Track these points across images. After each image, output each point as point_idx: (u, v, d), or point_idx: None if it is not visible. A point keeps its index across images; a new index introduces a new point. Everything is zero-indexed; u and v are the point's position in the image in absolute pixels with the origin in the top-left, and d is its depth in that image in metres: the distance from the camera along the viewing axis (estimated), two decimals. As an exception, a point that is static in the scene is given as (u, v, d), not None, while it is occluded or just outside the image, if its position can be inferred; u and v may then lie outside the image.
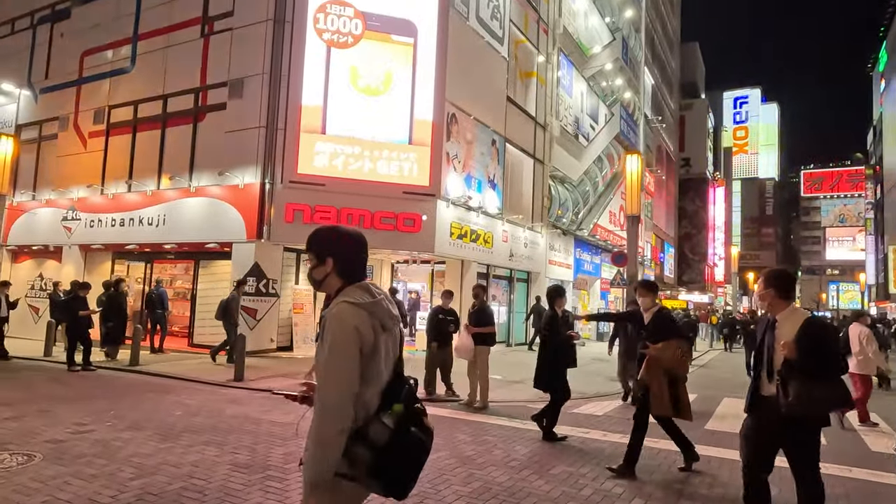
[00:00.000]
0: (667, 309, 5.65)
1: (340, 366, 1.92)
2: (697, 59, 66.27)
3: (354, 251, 2.17)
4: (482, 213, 14.94)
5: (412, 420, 2.01)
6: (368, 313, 1.98)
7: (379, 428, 1.94)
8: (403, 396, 2.02)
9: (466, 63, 14.39)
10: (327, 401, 1.91)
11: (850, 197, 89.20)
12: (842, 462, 5.78)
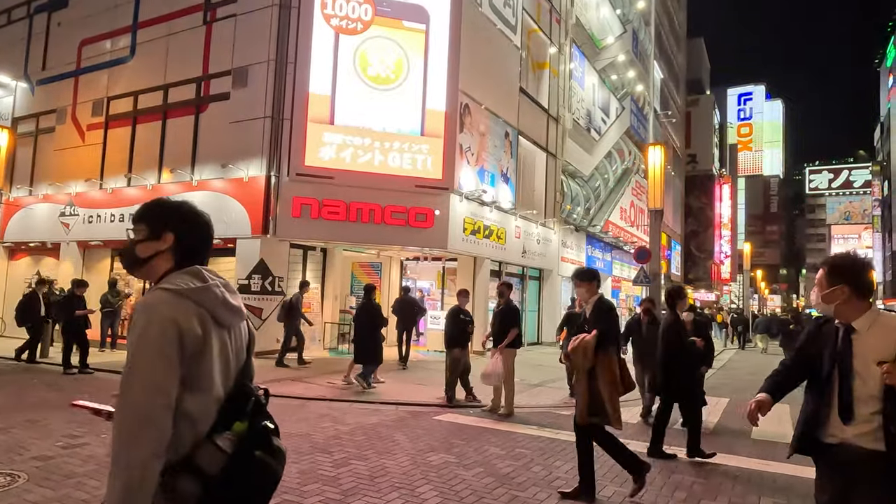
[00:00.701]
0: (606, 299, 4.73)
1: (150, 368, 1.43)
2: (702, 54, 65.67)
3: (204, 232, 1.72)
4: (495, 207, 14.38)
5: (257, 441, 1.54)
6: (194, 302, 1.50)
7: (211, 453, 1.46)
8: (248, 412, 1.55)
9: (479, 52, 13.82)
10: (131, 415, 1.40)
11: (855, 194, 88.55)
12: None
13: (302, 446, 5.43)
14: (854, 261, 2.49)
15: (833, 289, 2.40)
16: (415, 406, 7.73)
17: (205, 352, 1.51)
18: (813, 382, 2.50)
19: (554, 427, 6.81)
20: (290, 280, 12.37)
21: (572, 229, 19.69)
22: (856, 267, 2.44)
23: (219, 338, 1.56)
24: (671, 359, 5.82)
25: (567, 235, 19.20)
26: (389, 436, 5.98)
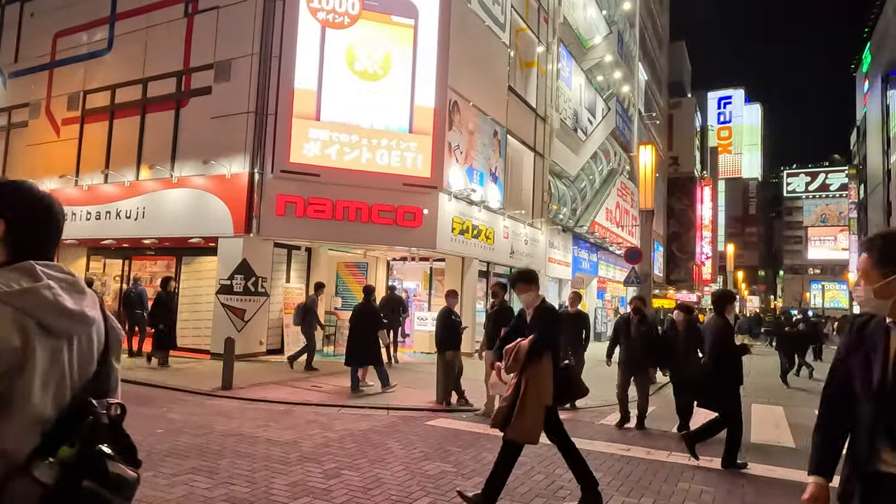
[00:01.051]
0: (550, 304, 4.31)
1: None
2: (684, 57, 66.30)
3: (44, 219, 1.41)
4: (484, 207, 14.18)
5: (87, 469, 1.27)
6: (13, 308, 1.23)
7: (24, 486, 1.21)
8: (82, 435, 1.29)
9: (468, 48, 13.61)
10: None
11: (832, 197, 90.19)
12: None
13: (290, 455, 5.14)
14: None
15: (890, 279, 1.79)
16: (406, 410, 7.48)
17: (25, 367, 1.23)
18: (858, 400, 1.87)
19: (550, 432, 6.61)
20: (274, 280, 12.03)
21: (559, 230, 19.57)
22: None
23: (48, 349, 1.28)
24: (721, 366, 5.49)
25: (554, 236, 19.08)
26: (382, 443, 5.71)
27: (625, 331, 7.41)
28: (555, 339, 4.08)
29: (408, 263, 15.06)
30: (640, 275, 11.92)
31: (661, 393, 9.57)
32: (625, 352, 7.34)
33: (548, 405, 3.89)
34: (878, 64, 61.70)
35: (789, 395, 10.99)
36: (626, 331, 7.38)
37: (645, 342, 7.23)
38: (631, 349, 7.25)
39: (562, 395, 4.04)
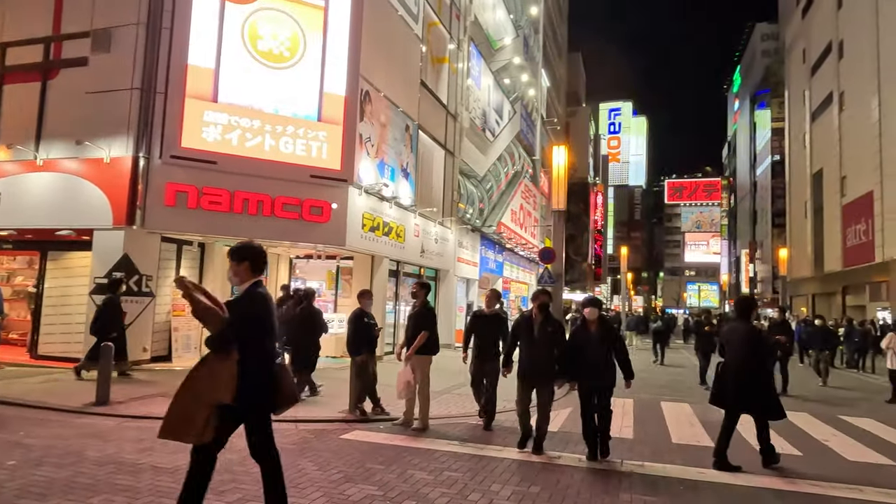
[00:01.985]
0: (259, 291, 3.57)
1: None
2: (580, 68, 69.55)
3: None
4: (395, 203, 13.64)
5: None
6: None
7: None
8: None
9: (381, 37, 13.02)
10: None
11: (705, 205, 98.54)
12: None
13: (176, 485, 4.32)
14: None
15: None
16: (317, 423, 6.78)
17: None
18: None
19: (475, 441, 6.23)
20: (161, 279, 10.74)
21: (468, 229, 19.45)
22: None
23: None
24: (756, 367, 5.62)
25: (463, 235, 18.92)
26: (293, 463, 5.01)
27: (526, 332, 5.93)
28: (242, 329, 3.26)
29: (312, 261, 14.15)
30: (553, 275, 11.91)
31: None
32: (525, 358, 5.92)
33: (219, 405, 3.22)
34: (747, 86, 68.29)
35: (690, 391, 11.44)
36: (529, 332, 5.91)
37: (551, 346, 5.86)
38: (533, 355, 5.83)
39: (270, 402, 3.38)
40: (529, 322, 5.99)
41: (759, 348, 5.74)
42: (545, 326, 5.89)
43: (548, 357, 5.82)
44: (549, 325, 5.91)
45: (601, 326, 5.85)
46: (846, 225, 33.83)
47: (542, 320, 5.92)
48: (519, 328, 6.08)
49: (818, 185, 39.40)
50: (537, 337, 5.85)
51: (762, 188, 57.74)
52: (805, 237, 41.71)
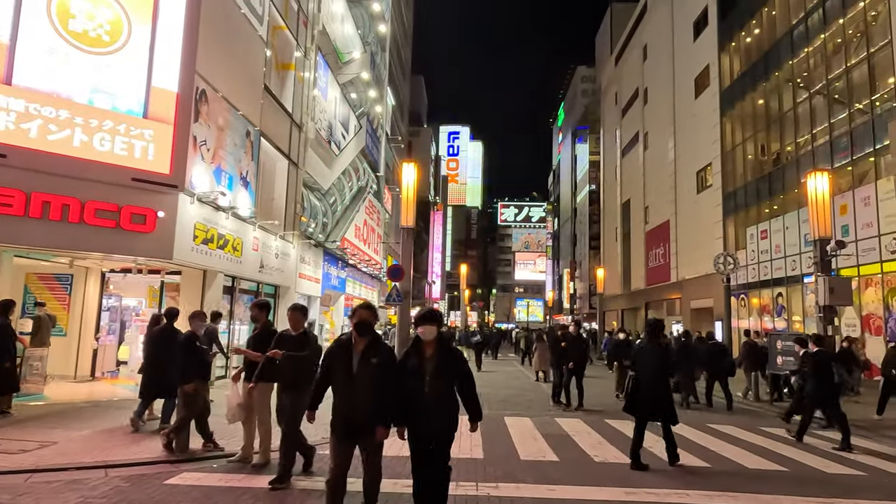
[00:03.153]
0: None
1: None
2: (422, 90, 71.71)
3: None
4: (233, 214, 12.55)
5: None
6: None
7: None
8: None
9: (221, 35, 12.00)
10: None
11: (533, 227, 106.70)
12: None
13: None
14: None
15: None
16: (133, 467, 5.78)
17: None
18: None
19: (323, 475, 5.74)
20: (-79, 296, 8.60)
21: (311, 244, 18.66)
22: None
23: None
24: (665, 380, 6.77)
25: (306, 250, 18.09)
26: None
27: (342, 364, 4.16)
28: None
29: (131, 276, 12.44)
30: (402, 292, 11.77)
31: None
32: (340, 402, 4.15)
33: None
34: (569, 121, 75.70)
35: (528, 404, 11.96)
36: (345, 364, 4.13)
37: (379, 384, 4.11)
38: (351, 398, 4.08)
39: None
40: (347, 350, 4.17)
41: (667, 365, 6.76)
42: (368, 356, 4.10)
43: (373, 401, 4.05)
44: (375, 355, 4.12)
45: (440, 350, 4.17)
46: (648, 249, 38.66)
47: (365, 347, 4.14)
48: (332, 359, 4.25)
49: (627, 213, 44.62)
50: (357, 371, 4.07)
51: (581, 213, 64.01)
52: (616, 258, 46.91)
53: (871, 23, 18.60)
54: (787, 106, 23.24)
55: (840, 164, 19.55)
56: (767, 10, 24.95)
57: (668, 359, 6.87)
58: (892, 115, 16.88)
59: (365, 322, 4.20)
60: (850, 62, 19.51)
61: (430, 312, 4.27)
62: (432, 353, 4.14)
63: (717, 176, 28.43)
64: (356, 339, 4.17)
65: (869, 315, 18.17)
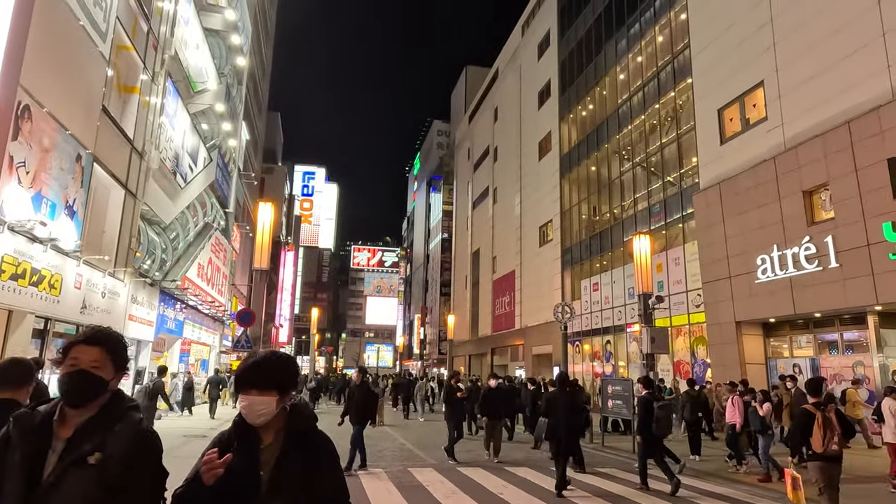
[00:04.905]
0: None
1: None
2: (278, 127, 70.07)
3: None
4: (53, 247, 11.00)
5: None
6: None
7: None
8: None
9: (55, 47, 10.78)
10: None
11: (386, 272, 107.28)
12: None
13: None
14: None
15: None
16: None
17: None
18: None
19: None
20: None
21: (146, 283, 16.93)
22: None
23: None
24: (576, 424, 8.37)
25: (139, 290, 16.35)
26: None
27: None
28: None
29: None
30: (251, 339, 11.06)
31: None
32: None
33: None
34: (425, 171, 78.42)
35: (379, 454, 11.71)
36: None
37: None
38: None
39: None
40: (29, 439, 1.94)
41: (579, 410, 8.28)
42: (81, 449, 1.88)
43: None
44: (101, 446, 1.88)
45: (289, 439, 2.10)
46: (496, 297, 40.71)
47: (79, 431, 1.92)
48: None
49: (476, 262, 46.79)
50: (48, 483, 1.84)
51: (433, 260, 65.83)
52: (465, 305, 48.68)
53: (679, 109, 21.98)
54: (615, 174, 26.35)
55: (656, 227, 22.44)
56: (599, 89, 28.40)
57: (579, 403, 8.43)
58: (695, 189, 19.88)
59: (81, 380, 1.94)
60: (663, 140, 22.77)
61: (267, 361, 2.13)
62: (272, 445, 2.07)
63: (557, 231, 31.09)
64: (61, 415, 1.96)
65: (679, 361, 20.71)
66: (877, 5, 13.64)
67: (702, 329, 19.29)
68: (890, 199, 12.66)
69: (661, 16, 23.35)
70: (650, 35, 24.10)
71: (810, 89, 15.36)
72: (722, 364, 17.54)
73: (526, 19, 40.09)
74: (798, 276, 14.88)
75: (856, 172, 13.60)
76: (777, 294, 15.55)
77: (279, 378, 2.09)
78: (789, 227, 15.37)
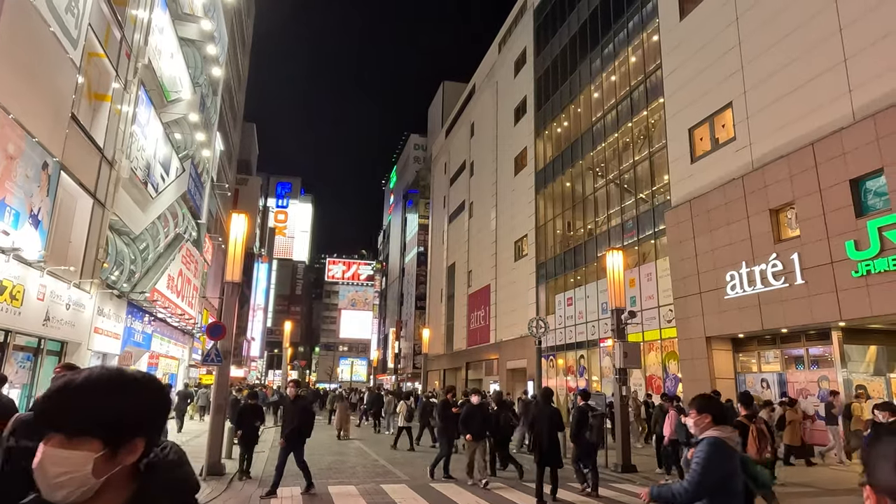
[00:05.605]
0: None
1: None
2: (254, 138, 69.51)
3: None
4: (15, 257, 10.67)
5: None
6: None
7: None
8: None
9: (23, 52, 10.55)
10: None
11: (361, 285, 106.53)
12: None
13: None
14: None
15: None
16: None
17: None
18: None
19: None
20: None
21: (113, 295, 16.51)
22: None
23: None
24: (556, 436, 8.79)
25: (106, 301, 15.94)
26: None
27: None
28: None
29: None
30: (221, 352, 10.84)
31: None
32: None
33: None
34: (401, 184, 78.43)
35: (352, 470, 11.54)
36: None
37: None
38: None
39: None
40: None
41: (559, 424, 8.70)
42: None
43: None
44: None
45: None
46: (471, 311, 40.70)
47: None
48: None
49: (452, 276, 46.79)
50: None
51: (409, 274, 65.62)
52: (440, 319, 48.56)
53: (652, 128, 22.45)
54: (589, 190, 26.71)
55: (629, 243, 22.77)
56: (574, 106, 28.87)
57: (560, 419, 8.81)
58: (666, 206, 20.27)
59: None
60: (636, 158, 23.20)
61: (83, 386, 1.20)
62: None
63: (532, 246, 31.32)
64: None
65: (651, 376, 20.93)
66: (838, 32, 14.19)
67: (673, 344, 19.55)
68: (852, 219, 13.08)
69: (633, 37, 23.90)
70: (623, 55, 24.63)
71: (776, 111, 15.85)
72: (693, 378, 17.78)
73: (503, 37, 40.65)
74: (766, 293, 15.22)
75: (820, 192, 14.02)
76: (746, 310, 15.87)
77: (103, 414, 1.17)
78: (757, 245, 15.75)
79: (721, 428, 3.36)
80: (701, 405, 3.45)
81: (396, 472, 11.42)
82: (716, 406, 3.47)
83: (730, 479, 3.23)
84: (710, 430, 3.34)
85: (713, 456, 3.21)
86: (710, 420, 3.36)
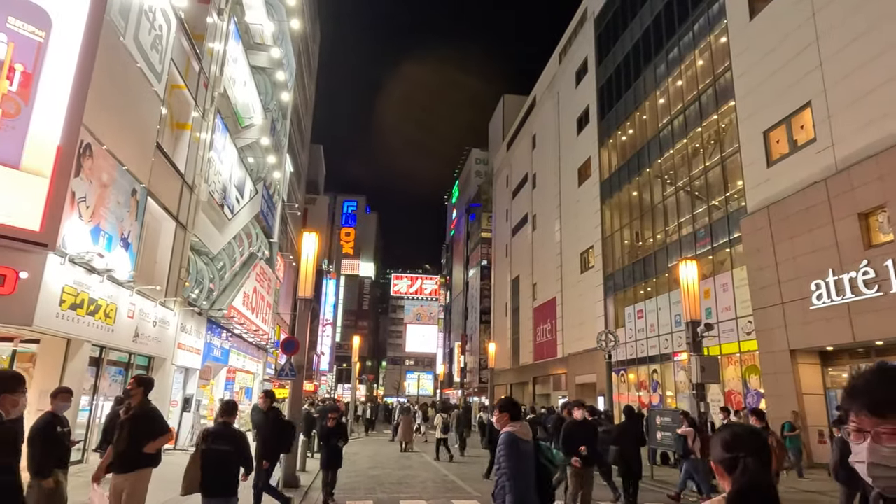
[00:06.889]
0: None
1: None
2: (321, 159, 72.00)
3: None
4: (109, 278, 11.47)
5: None
6: None
7: None
8: None
9: (114, 88, 11.42)
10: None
11: (425, 300, 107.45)
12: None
13: None
14: None
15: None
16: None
17: None
18: None
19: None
20: None
21: (194, 312, 17.42)
22: None
23: None
24: None
25: (188, 319, 16.84)
26: None
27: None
28: None
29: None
30: (296, 367, 11.20)
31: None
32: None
33: None
34: (463, 199, 78.86)
35: (422, 485, 11.55)
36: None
37: None
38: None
39: None
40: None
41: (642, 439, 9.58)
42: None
43: None
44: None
45: None
46: (536, 324, 40.14)
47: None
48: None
49: (516, 289, 46.39)
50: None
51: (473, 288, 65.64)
52: (506, 333, 48.16)
53: (723, 132, 21.56)
54: (657, 198, 25.90)
55: (702, 252, 21.85)
56: (639, 113, 28.17)
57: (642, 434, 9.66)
58: (741, 213, 19.34)
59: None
60: (707, 163, 22.32)
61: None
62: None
63: (599, 258, 30.62)
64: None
65: (730, 391, 19.88)
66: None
67: (754, 357, 18.53)
68: (955, 221, 12.02)
69: (700, 40, 23.14)
70: (690, 59, 23.87)
71: (861, 108, 14.86)
72: (777, 394, 16.75)
73: (563, 47, 40.35)
74: (857, 302, 14.18)
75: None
76: (834, 321, 14.83)
77: None
78: (845, 251, 14.73)
79: (514, 423, 4.24)
80: (502, 405, 4.38)
81: (466, 489, 11.35)
82: (513, 407, 4.39)
83: (520, 461, 4.08)
84: (508, 426, 4.22)
85: (509, 445, 4.11)
86: (507, 417, 4.25)
